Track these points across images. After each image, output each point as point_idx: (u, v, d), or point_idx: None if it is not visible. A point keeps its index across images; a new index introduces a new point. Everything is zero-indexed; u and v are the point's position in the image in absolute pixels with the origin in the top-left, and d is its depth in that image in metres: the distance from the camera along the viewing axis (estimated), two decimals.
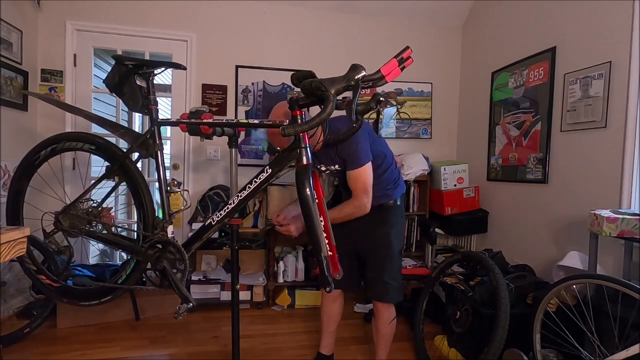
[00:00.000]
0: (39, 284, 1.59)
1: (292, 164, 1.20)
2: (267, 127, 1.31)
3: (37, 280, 1.57)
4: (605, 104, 1.97)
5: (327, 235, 1.15)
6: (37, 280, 1.58)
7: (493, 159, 2.88)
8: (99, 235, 1.48)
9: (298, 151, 1.17)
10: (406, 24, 3.27)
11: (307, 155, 1.18)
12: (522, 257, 2.48)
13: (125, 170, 1.44)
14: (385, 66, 1.08)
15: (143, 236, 1.41)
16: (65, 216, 1.47)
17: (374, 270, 1.66)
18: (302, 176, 1.13)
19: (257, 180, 1.26)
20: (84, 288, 1.55)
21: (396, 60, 1.07)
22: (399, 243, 1.71)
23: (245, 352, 1.98)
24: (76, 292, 1.56)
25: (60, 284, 1.57)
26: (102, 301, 1.51)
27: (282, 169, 1.24)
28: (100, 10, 2.72)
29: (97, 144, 1.49)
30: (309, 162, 1.18)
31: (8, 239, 1.00)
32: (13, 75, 2.38)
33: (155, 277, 1.39)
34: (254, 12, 2.97)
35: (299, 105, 1.18)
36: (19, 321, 2.12)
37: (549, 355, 1.64)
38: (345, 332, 2.27)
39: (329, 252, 1.14)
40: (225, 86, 2.95)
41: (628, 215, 1.58)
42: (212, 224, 1.35)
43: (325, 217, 1.16)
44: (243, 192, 1.28)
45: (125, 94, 1.44)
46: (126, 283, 1.48)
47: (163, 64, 1.47)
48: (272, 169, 1.24)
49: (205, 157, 2.95)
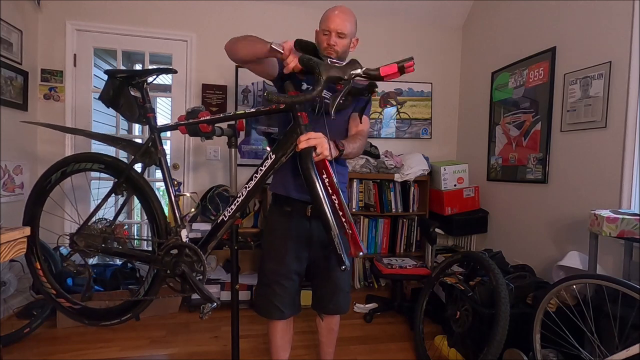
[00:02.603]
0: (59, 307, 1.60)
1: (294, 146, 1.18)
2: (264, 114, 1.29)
3: (57, 304, 1.58)
4: (605, 104, 1.97)
5: (343, 214, 1.13)
6: (57, 305, 1.59)
7: (493, 159, 2.88)
8: (115, 250, 1.49)
9: (299, 132, 1.17)
10: (406, 24, 3.27)
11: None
12: (522, 257, 2.48)
13: (132, 182, 1.45)
14: (385, 68, 1.08)
15: (158, 244, 1.41)
16: (80, 237, 1.48)
17: (332, 281, 1.46)
18: (306, 158, 1.12)
19: (262, 169, 1.25)
20: (104, 308, 1.55)
21: (397, 66, 1.07)
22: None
23: (245, 352, 1.98)
24: (96, 312, 1.56)
25: (81, 305, 1.57)
26: (123, 319, 1.50)
27: (286, 153, 1.23)
28: (100, 10, 2.72)
29: (106, 162, 1.49)
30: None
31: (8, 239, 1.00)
32: (13, 75, 2.38)
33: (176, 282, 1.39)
34: (254, 12, 2.97)
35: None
36: (19, 321, 2.12)
37: (549, 355, 1.64)
38: (345, 332, 2.27)
39: (348, 229, 1.12)
40: (225, 86, 2.95)
41: (628, 215, 1.58)
42: (224, 220, 1.34)
43: (338, 195, 1.13)
44: (250, 183, 1.27)
45: (121, 106, 1.45)
46: (148, 295, 1.48)
47: (154, 71, 1.47)
48: (276, 154, 1.23)
49: (205, 157, 2.95)
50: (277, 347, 1.50)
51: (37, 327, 2.14)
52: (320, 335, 1.62)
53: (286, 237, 1.42)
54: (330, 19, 1.38)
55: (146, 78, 1.45)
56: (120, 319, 1.50)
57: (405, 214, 3.03)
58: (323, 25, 1.40)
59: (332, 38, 1.37)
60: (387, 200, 2.98)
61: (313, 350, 2.03)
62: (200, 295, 1.33)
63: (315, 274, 1.48)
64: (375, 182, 2.99)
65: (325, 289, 1.48)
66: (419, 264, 2.57)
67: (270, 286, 1.42)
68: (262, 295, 1.45)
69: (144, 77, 1.44)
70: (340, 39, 1.38)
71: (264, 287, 1.44)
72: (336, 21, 1.37)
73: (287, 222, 1.42)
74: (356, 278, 3.09)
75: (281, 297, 1.41)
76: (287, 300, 1.42)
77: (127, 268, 2.54)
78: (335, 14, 1.39)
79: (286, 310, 1.43)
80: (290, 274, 1.41)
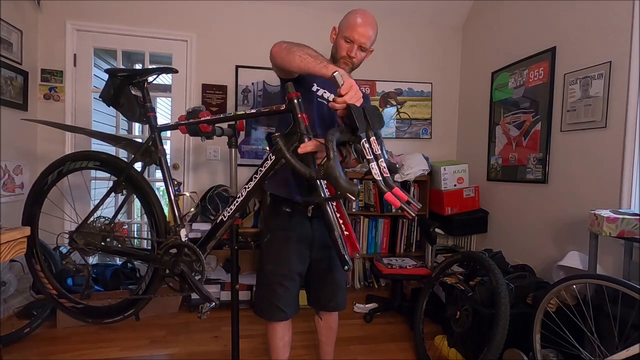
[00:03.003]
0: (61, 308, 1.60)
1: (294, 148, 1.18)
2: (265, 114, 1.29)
3: (60, 304, 1.59)
4: (605, 104, 1.97)
5: (340, 215, 1.13)
6: (60, 305, 1.59)
7: (493, 159, 2.88)
8: (114, 249, 1.49)
9: (298, 134, 1.16)
10: (406, 24, 3.26)
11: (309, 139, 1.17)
12: (522, 257, 2.48)
13: (132, 181, 1.45)
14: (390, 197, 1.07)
15: (157, 243, 1.41)
16: (79, 235, 1.48)
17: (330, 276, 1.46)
18: (307, 160, 1.12)
19: (262, 169, 1.25)
20: (106, 306, 1.56)
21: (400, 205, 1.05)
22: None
23: (245, 352, 1.98)
24: (99, 310, 1.57)
25: (83, 305, 1.57)
26: (126, 316, 1.51)
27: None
28: (100, 10, 2.72)
29: (102, 160, 1.49)
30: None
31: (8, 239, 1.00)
32: (13, 75, 2.38)
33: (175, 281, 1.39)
34: (253, 11, 2.97)
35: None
36: (19, 321, 2.12)
37: (549, 355, 1.64)
38: (345, 332, 2.27)
39: (345, 231, 1.13)
40: (225, 86, 2.95)
41: (628, 215, 1.58)
42: (223, 220, 1.34)
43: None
44: (250, 183, 1.27)
45: (122, 105, 1.45)
46: (147, 293, 1.48)
47: (155, 70, 1.47)
48: (276, 155, 1.24)
49: (205, 157, 2.95)
50: (277, 349, 1.49)
51: (37, 327, 2.14)
52: (320, 334, 1.61)
53: (287, 238, 1.40)
54: (355, 29, 1.32)
55: (147, 77, 1.45)
56: (123, 315, 1.50)
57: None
58: (346, 31, 1.34)
59: (354, 50, 1.34)
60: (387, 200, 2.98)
61: (313, 350, 2.03)
62: (199, 295, 1.33)
63: (316, 273, 1.48)
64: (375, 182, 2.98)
65: (326, 288, 1.48)
66: (419, 264, 2.57)
67: (272, 287, 1.40)
68: (263, 297, 1.43)
69: (145, 76, 1.44)
70: (361, 51, 1.35)
71: (265, 288, 1.43)
72: (362, 33, 1.32)
73: (287, 222, 1.41)
74: (356, 278, 3.09)
75: (284, 297, 1.40)
76: (289, 301, 1.41)
77: (128, 268, 2.54)
78: (362, 24, 1.32)
79: (288, 310, 1.42)
80: (292, 275, 1.40)
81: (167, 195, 1.42)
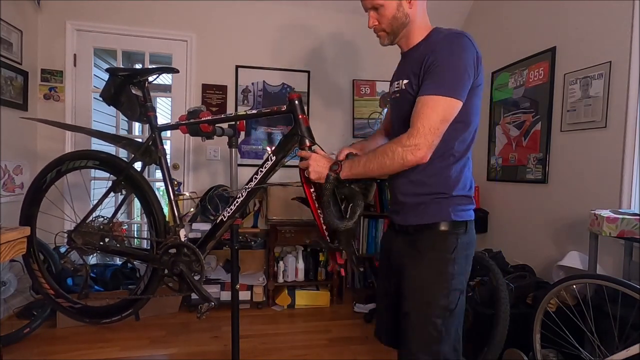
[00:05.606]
0: (59, 308, 1.60)
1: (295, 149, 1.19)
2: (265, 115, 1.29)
3: (57, 304, 1.59)
4: (605, 104, 1.97)
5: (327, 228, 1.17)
6: (57, 305, 1.59)
7: (493, 159, 2.87)
8: (113, 249, 1.49)
9: (299, 135, 1.16)
10: None
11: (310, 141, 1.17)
12: (522, 257, 2.48)
13: (132, 181, 1.45)
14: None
15: (156, 243, 1.41)
16: (78, 234, 1.48)
17: (404, 330, 1.07)
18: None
19: (262, 170, 1.25)
20: (104, 306, 1.56)
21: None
22: (450, 294, 1.04)
23: (245, 352, 1.98)
24: (96, 310, 1.57)
25: (81, 304, 1.57)
26: (124, 316, 1.51)
27: (286, 155, 1.23)
28: (100, 10, 2.72)
29: (101, 159, 1.49)
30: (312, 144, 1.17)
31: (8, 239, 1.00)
32: (13, 75, 2.38)
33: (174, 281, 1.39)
34: (254, 11, 2.96)
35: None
36: (19, 321, 2.12)
37: (549, 355, 1.64)
38: (345, 332, 2.27)
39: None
40: (225, 86, 2.95)
41: (628, 215, 1.58)
42: (223, 220, 1.34)
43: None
44: (250, 184, 1.27)
45: (122, 104, 1.45)
46: (146, 293, 1.48)
47: (156, 70, 1.47)
48: (276, 156, 1.23)
49: (205, 157, 2.95)
50: None
51: (37, 327, 2.14)
52: None
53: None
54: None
55: (147, 77, 1.45)
56: (121, 315, 1.50)
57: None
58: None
59: (370, 19, 1.11)
60: (387, 200, 2.98)
61: (313, 350, 2.03)
62: (198, 295, 1.33)
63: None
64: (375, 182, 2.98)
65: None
66: None
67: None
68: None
69: (146, 75, 1.45)
70: (377, 12, 1.09)
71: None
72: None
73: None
74: (356, 278, 3.09)
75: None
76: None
77: (127, 268, 2.54)
78: None
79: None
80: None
81: (167, 195, 1.42)
